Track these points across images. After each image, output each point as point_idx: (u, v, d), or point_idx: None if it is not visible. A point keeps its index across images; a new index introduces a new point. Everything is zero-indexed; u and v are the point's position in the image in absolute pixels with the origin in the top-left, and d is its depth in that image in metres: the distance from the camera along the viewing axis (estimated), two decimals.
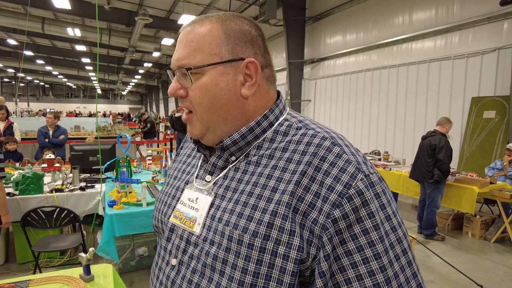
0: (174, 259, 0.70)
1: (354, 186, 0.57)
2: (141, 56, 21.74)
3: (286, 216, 0.58)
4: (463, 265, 3.71)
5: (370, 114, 8.26)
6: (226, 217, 0.63)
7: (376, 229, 0.57)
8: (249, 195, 0.63)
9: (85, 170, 4.05)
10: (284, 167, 0.62)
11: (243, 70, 0.66)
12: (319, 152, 0.61)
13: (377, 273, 0.56)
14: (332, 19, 9.36)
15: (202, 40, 0.65)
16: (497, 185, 4.52)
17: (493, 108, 5.64)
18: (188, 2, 11.62)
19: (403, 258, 0.59)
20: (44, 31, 12.88)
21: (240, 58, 0.66)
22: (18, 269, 3.34)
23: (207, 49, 0.65)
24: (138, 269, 3.40)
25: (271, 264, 0.58)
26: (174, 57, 0.69)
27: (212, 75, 0.65)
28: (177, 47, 0.69)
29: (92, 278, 1.63)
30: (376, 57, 8.08)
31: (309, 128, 0.66)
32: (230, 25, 0.67)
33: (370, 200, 0.58)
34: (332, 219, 0.56)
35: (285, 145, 0.65)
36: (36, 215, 2.75)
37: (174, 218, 0.73)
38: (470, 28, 5.99)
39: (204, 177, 0.73)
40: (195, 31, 0.67)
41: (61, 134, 5.72)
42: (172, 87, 0.69)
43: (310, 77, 10.47)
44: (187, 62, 0.66)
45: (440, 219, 4.96)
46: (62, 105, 42.04)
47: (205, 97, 0.66)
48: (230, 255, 0.60)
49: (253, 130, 0.68)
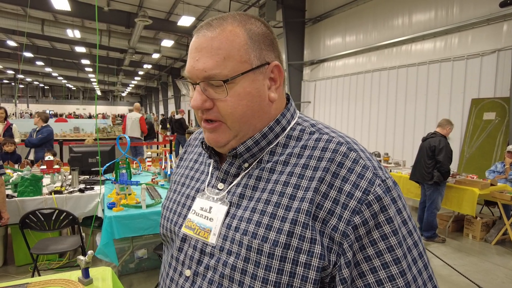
0: (188, 270, 0.68)
1: (372, 192, 0.57)
2: (140, 58, 21.74)
3: (306, 224, 0.57)
4: (463, 267, 3.69)
5: (370, 115, 8.26)
6: (243, 226, 0.62)
7: (395, 234, 0.57)
8: (266, 203, 0.62)
9: (84, 172, 4.03)
10: (300, 173, 0.61)
11: (269, 74, 0.66)
12: (336, 158, 0.61)
13: (397, 278, 0.56)
14: (332, 21, 9.37)
15: (230, 47, 0.61)
16: (497, 187, 4.52)
17: (493, 110, 5.64)
18: (187, 4, 11.64)
19: (420, 262, 0.59)
20: (44, 32, 12.89)
21: (267, 63, 0.65)
22: (17, 272, 3.32)
23: (237, 57, 0.61)
24: (137, 271, 3.39)
25: (292, 273, 0.57)
26: (196, 67, 0.62)
27: (244, 83, 0.62)
28: (198, 54, 0.62)
29: (91, 281, 1.62)
30: (375, 59, 8.08)
31: (323, 133, 0.66)
32: (252, 29, 0.64)
33: (388, 205, 0.58)
34: (352, 226, 0.56)
35: (300, 150, 0.64)
36: (35, 217, 2.73)
37: (186, 228, 0.71)
38: (469, 29, 6.00)
39: (216, 185, 0.71)
40: (220, 37, 0.62)
41: (40, 134, 5.66)
42: (197, 100, 0.63)
43: (309, 78, 10.47)
44: (218, 73, 0.61)
45: (441, 221, 4.95)
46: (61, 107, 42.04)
47: (238, 107, 0.62)
48: (249, 265, 0.59)
49: (266, 136, 0.67)
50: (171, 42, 14.80)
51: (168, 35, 15.24)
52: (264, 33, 0.66)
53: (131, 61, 20.57)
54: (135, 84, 35.54)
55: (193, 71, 0.63)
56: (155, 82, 31.40)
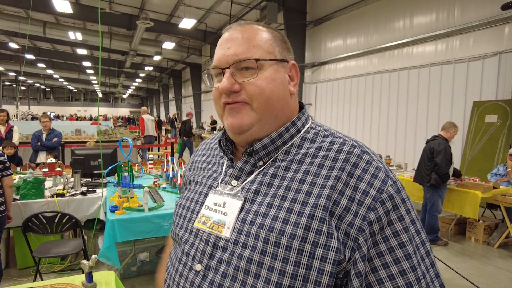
0: (199, 265, 0.68)
1: (386, 191, 0.61)
2: (141, 60, 21.80)
3: (323, 219, 0.60)
4: (466, 271, 3.68)
5: (371, 118, 8.25)
6: (259, 220, 0.64)
7: (406, 231, 0.60)
8: (282, 198, 0.64)
9: (86, 175, 4.03)
10: (316, 172, 0.65)
11: (288, 71, 0.73)
12: (350, 159, 0.64)
13: (409, 273, 0.58)
14: (333, 23, 9.38)
15: (259, 38, 0.70)
16: (500, 189, 4.50)
17: (495, 112, 5.63)
18: (189, 6, 11.67)
19: (427, 259, 0.62)
20: (46, 34, 12.94)
21: (286, 60, 0.73)
22: (19, 275, 3.32)
23: (264, 47, 0.69)
24: (140, 274, 3.38)
25: (309, 266, 0.59)
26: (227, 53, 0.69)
27: (271, 70, 0.69)
28: (229, 43, 0.69)
29: (94, 285, 1.61)
30: (377, 61, 8.09)
31: (336, 137, 0.70)
32: (274, 32, 0.74)
33: (399, 204, 0.61)
34: (368, 222, 0.59)
35: (314, 151, 0.68)
36: (37, 220, 2.73)
37: (199, 223, 0.72)
38: (471, 32, 6.00)
39: (230, 182, 0.73)
40: (250, 31, 0.70)
41: (55, 137, 5.71)
42: (226, 82, 0.68)
43: (311, 81, 10.48)
44: (249, 56, 0.68)
45: (443, 223, 4.93)
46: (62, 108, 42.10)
47: (265, 89, 0.68)
48: (266, 257, 0.61)
49: (282, 136, 0.71)
50: (172, 44, 14.84)
51: (169, 37, 15.27)
52: (282, 37, 0.74)
53: (132, 63, 20.61)
54: (136, 86, 35.60)
55: (224, 58, 0.69)
56: (156, 84, 31.46)
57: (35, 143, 5.58)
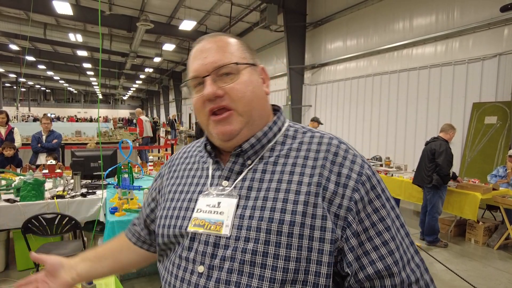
0: (201, 266, 0.69)
1: (364, 173, 0.70)
2: (142, 61, 21.83)
3: (316, 204, 0.66)
4: (466, 272, 3.68)
5: (371, 119, 8.26)
6: (257, 214, 0.67)
7: (384, 207, 0.69)
8: (276, 191, 0.69)
9: (86, 176, 4.03)
10: (303, 163, 0.71)
11: (260, 74, 0.79)
12: (331, 149, 0.72)
13: (390, 242, 0.67)
14: (333, 25, 9.40)
15: (232, 47, 0.75)
16: (499, 191, 4.50)
17: (495, 114, 5.63)
18: (189, 8, 11.69)
19: (402, 230, 0.71)
20: (46, 36, 12.95)
21: (256, 64, 0.79)
22: (18, 276, 3.31)
23: (237, 54, 0.75)
24: (139, 276, 3.38)
25: (310, 248, 0.64)
26: (205, 62, 0.73)
27: (247, 73, 0.74)
28: (205, 53, 0.74)
29: (94, 287, 1.62)
30: (376, 63, 8.10)
31: (314, 132, 0.77)
32: (240, 40, 0.79)
33: (376, 184, 0.70)
34: (354, 201, 0.67)
35: (298, 146, 0.74)
36: (37, 222, 2.73)
37: (194, 226, 0.72)
38: (470, 34, 6.01)
39: (220, 183, 0.75)
40: (222, 40, 0.76)
41: (55, 139, 5.71)
42: (211, 88, 0.71)
43: (310, 82, 10.49)
44: (227, 61, 0.73)
45: (443, 225, 4.93)
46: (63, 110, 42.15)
47: (246, 92, 0.72)
48: (270, 247, 0.65)
49: (266, 134, 0.76)
50: (173, 46, 14.86)
51: (170, 39, 15.29)
52: (248, 45, 0.80)
53: (132, 65, 20.64)
54: (136, 88, 35.63)
55: (203, 67, 0.73)
56: (156, 85, 31.49)
57: (35, 144, 5.58)
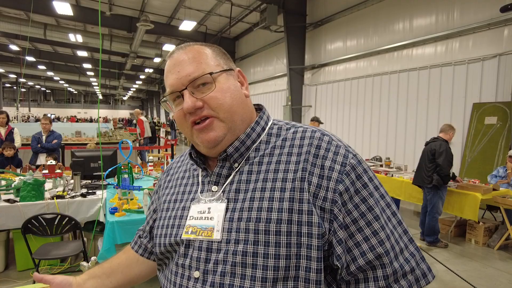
0: (197, 272, 0.70)
1: (348, 163, 0.68)
2: (142, 62, 21.83)
3: (301, 199, 0.66)
4: (466, 273, 3.67)
5: (371, 120, 8.26)
6: (245, 215, 0.68)
7: (372, 196, 0.68)
8: (262, 190, 0.69)
9: (86, 177, 4.03)
10: (286, 160, 0.71)
11: (237, 77, 0.79)
12: (314, 142, 0.71)
13: (380, 231, 0.66)
14: (333, 25, 9.40)
15: (204, 56, 0.75)
16: (500, 191, 4.50)
17: (495, 114, 5.63)
18: (189, 8, 11.70)
19: (394, 219, 0.70)
20: (46, 37, 12.96)
21: (232, 69, 0.78)
22: (18, 277, 3.31)
23: (211, 62, 0.74)
24: None
25: (298, 244, 0.64)
26: (180, 76, 0.72)
27: (223, 80, 0.74)
28: (178, 67, 0.73)
29: None
30: (376, 63, 8.10)
31: (297, 127, 0.77)
32: (213, 47, 0.79)
33: (362, 174, 0.69)
34: (338, 193, 0.66)
35: (281, 143, 0.75)
36: (37, 222, 2.73)
37: (187, 234, 0.74)
38: (470, 34, 6.01)
39: (210, 188, 0.76)
40: (193, 51, 0.75)
41: (54, 139, 5.71)
42: (190, 102, 0.71)
43: (310, 83, 10.49)
44: (201, 72, 0.72)
45: (443, 225, 4.93)
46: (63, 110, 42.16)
47: (225, 98, 0.72)
48: (259, 246, 0.65)
49: (250, 136, 0.76)
50: (173, 46, 14.85)
51: (170, 39, 15.31)
52: (221, 50, 0.80)
53: (132, 65, 20.62)
54: (137, 88, 35.63)
55: (178, 81, 0.73)
56: (156, 86, 31.48)
57: (35, 145, 5.58)
